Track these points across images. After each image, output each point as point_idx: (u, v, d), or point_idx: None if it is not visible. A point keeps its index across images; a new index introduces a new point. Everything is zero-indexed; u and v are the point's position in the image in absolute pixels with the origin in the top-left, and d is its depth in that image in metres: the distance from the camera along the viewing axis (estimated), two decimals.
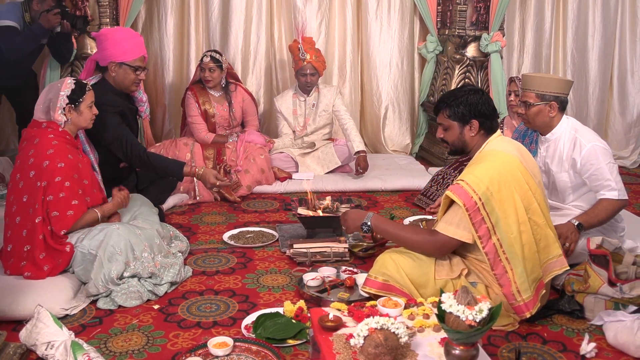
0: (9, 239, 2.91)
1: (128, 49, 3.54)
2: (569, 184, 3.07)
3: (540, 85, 3.03)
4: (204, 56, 4.56)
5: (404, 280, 2.56)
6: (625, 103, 5.82)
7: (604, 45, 5.70)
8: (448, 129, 2.68)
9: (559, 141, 3.07)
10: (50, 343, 2.30)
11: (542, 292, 2.56)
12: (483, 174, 2.50)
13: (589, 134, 3.04)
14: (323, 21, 5.46)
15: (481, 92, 2.67)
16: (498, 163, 2.55)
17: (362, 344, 1.95)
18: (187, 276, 3.09)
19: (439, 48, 5.45)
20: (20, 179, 2.90)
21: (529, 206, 2.53)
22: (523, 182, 2.54)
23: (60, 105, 2.93)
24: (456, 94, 2.66)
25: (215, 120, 4.64)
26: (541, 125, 3.09)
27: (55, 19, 4.23)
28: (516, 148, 2.66)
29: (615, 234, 3.07)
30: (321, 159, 4.81)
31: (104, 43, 3.55)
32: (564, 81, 3.09)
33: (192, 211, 4.13)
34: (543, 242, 2.57)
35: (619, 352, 2.45)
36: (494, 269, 2.50)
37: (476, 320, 1.83)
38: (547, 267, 2.58)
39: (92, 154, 3.29)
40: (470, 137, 2.65)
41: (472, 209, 2.46)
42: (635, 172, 5.34)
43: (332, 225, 3.50)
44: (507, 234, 2.48)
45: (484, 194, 2.46)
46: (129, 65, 3.53)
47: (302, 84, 4.80)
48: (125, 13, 4.78)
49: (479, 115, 2.62)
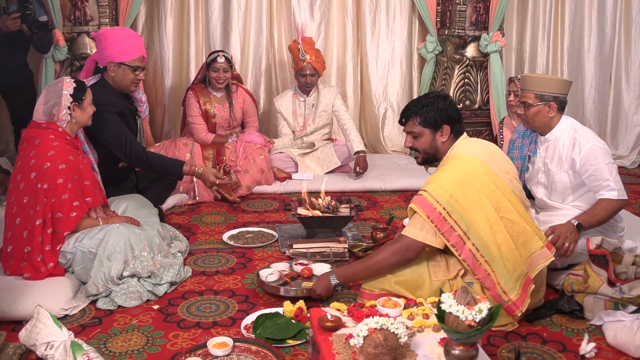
0: (9, 240, 2.92)
1: (127, 48, 3.53)
2: (569, 184, 3.07)
3: (539, 86, 3.03)
4: (216, 56, 4.50)
5: (401, 291, 2.55)
6: (620, 103, 5.83)
7: (600, 46, 5.71)
8: (419, 136, 2.68)
9: (558, 141, 3.07)
10: (49, 343, 2.30)
11: (530, 287, 2.53)
12: (445, 181, 2.51)
13: (588, 134, 3.04)
14: (322, 21, 5.46)
15: (447, 96, 2.70)
16: (460, 167, 2.56)
17: (362, 344, 1.95)
18: (187, 276, 3.09)
19: (438, 48, 5.45)
20: (21, 180, 2.90)
21: (498, 205, 2.53)
22: (488, 182, 2.54)
23: (64, 104, 2.94)
24: (424, 101, 2.67)
25: (216, 120, 4.64)
26: (540, 125, 3.09)
27: (13, 23, 4.21)
28: (482, 148, 2.67)
29: (615, 234, 3.07)
30: (321, 159, 4.81)
31: (103, 43, 3.54)
32: (563, 81, 3.09)
33: (191, 211, 4.13)
34: (522, 238, 2.56)
35: (618, 352, 2.45)
36: (476, 273, 2.50)
37: (476, 321, 1.84)
38: (531, 262, 2.57)
39: (92, 153, 3.29)
40: (441, 143, 2.66)
41: (438, 219, 2.47)
42: (635, 172, 5.34)
43: (331, 226, 3.50)
44: (481, 237, 2.48)
45: (447, 203, 2.47)
46: (128, 65, 3.53)
47: (301, 85, 4.80)
48: (124, 13, 4.78)
49: (449, 120, 2.64)
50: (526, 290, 2.52)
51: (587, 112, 5.76)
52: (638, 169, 5.47)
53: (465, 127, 2.72)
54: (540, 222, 3.10)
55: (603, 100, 5.79)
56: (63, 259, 2.89)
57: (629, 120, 5.81)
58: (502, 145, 4.05)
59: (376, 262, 2.57)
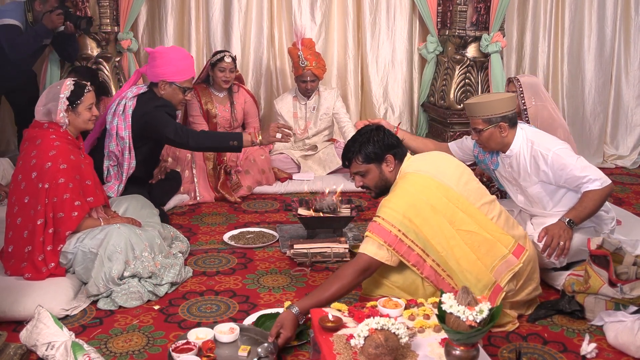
0: (10, 239, 2.92)
1: (181, 70, 3.62)
2: (544, 193, 3.04)
3: (484, 110, 2.96)
4: (223, 56, 4.51)
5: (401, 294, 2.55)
6: (620, 103, 5.83)
7: (600, 46, 5.71)
8: (366, 174, 2.69)
9: (520, 156, 3.01)
10: (50, 343, 2.30)
11: (501, 295, 2.48)
12: (397, 203, 2.50)
13: (545, 141, 2.98)
14: (323, 22, 5.46)
15: (379, 127, 2.72)
16: (410, 186, 2.55)
17: (363, 345, 1.95)
18: (188, 277, 3.09)
19: (439, 48, 5.45)
20: (22, 180, 2.90)
21: (453, 219, 2.51)
22: (440, 197, 2.53)
23: (61, 107, 2.93)
24: (358, 139, 2.69)
25: (217, 120, 4.64)
26: (497, 146, 3.05)
27: (58, 19, 4.23)
28: (431, 163, 2.66)
29: (607, 226, 3.06)
30: (322, 160, 4.81)
31: (157, 60, 3.61)
32: (506, 99, 2.98)
33: (192, 212, 4.13)
34: (483, 248, 2.52)
35: (619, 353, 2.45)
36: (441, 287, 2.48)
37: (476, 321, 1.84)
38: (498, 271, 2.52)
39: (129, 161, 3.50)
40: (389, 173, 2.67)
41: (394, 242, 2.46)
42: (635, 173, 5.34)
43: (332, 226, 3.50)
44: (439, 253, 2.47)
45: (401, 224, 2.46)
46: (178, 86, 3.60)
47: (302, 89, 4.81)
48: (125, 14, 4.78)
49: (389, 148, 2.65)
50: (494, 299, 2.46)
51: (587, 113, 5.75)
52: (639, 170, 5.47)
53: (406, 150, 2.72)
54: (535, 224, 3.10)
55: (603, 101, 5.78)
56: (64, 259, 2.89)
57: (629, 121, 5.81)
58: None
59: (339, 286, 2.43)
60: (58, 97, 2.94)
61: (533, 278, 2.69)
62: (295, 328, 2.39)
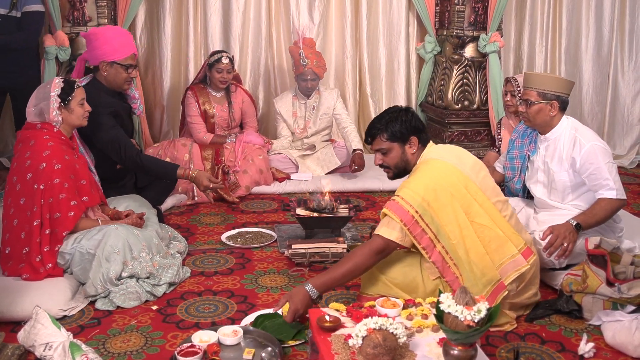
0: (7, 241, 2.91)
1: (118, 47, 3.51)
2: (569, 183, 3.07)
3: (542, 84, 3.04)
4: (221, 57, 4.49)
5: (400, 294, 2.57)
6: (618, 103, 5.84)
7: (598, 46, 5.72)
8: (388, 152, 2.68)
9: (558, 140, 3.07)
10: (48, 344, 2.30)
11: (502, 294, 2.49)
12: (417, 185, 2.52)
13: (588, 133, 3.05)
14: (321, 22, 5.45)
15: (408, 109, 2.72)
16: (432, 171, 2.57)
17: (361, 345, 1.95)
18: (186, 277, 3.09)
19: (437, 48, 5.45)
20: (17, 182, 2.90)
21: (469, 209, 2.53)
22: (460, 187, 2.55)
23: (53, 106, 2.92)
24: (387, 117, 2.68)
25: (215, 120, 4.64)
26: (541, 124, 3.10)
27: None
28: (453, 153, 2.69)
29: (614, 235, 3.07)
30: (321, 160, 4.81)
31: (93, 42, 3.52)
32: (565, 81, 3.10)
33: (190, 212, 4.13)
34: (494, 244, 2.54)
35: (617, 352, 2.45)
36: (445, 275, 2.51)
37: (474, 321, 1.84)
38: (505, 269, 2.53)
39: (88, 155, 3.28)
40: (411, 155, 2.68)
41: (410, 222, 2.48)
42: (634, 172, 5.35)
43: (330, 226, 3.50)
44: (450, 240, 2.49)
45: (419, 206, 2.48)
46: (120, 64, 3.52)
47: (302, 88, 4.80)
48: (123, 13, 4.77)
49: (415, 131, 2.66)
50: (495, 296, 2.47)
51: (584, 113, 5.76)
52: (636, 169, 5.47)
53: (429, 137, 2.74)
54: (540, 221, 3.11)
55: (600, 101, 5.80)
56: (62, 260, 2.89)
57: (627, 120, 5.82)
58: (500, 145, 4.05)
59: (353, 266, 2.48)
60: (49, 96, 2.93)
61: (534, 283, 2.70)
62: (304, 303, 2.41)
